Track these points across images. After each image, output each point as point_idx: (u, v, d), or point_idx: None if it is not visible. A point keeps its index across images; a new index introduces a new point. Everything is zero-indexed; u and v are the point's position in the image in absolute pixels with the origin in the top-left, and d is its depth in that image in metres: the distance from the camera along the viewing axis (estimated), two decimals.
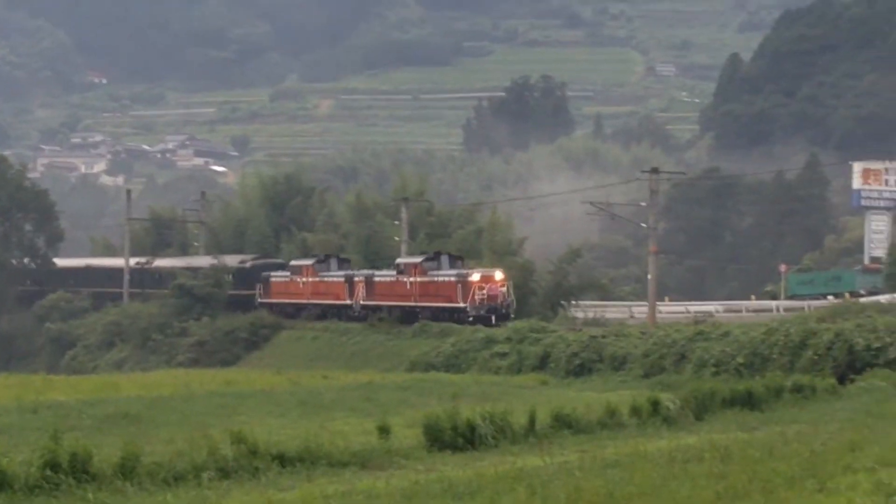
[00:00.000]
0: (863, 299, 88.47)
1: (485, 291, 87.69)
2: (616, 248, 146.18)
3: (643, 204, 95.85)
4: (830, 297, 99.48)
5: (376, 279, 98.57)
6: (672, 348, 57.14)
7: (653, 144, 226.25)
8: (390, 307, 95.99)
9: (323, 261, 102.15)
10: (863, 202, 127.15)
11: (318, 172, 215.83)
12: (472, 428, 30.30)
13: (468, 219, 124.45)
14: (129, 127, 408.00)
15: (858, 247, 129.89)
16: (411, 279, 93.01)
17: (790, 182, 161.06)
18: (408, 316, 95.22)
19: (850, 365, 47.80)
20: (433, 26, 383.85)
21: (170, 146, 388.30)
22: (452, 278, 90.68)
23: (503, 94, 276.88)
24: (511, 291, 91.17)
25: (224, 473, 25.97)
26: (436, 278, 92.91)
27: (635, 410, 34.73)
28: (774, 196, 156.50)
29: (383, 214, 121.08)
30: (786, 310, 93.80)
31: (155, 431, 33.52)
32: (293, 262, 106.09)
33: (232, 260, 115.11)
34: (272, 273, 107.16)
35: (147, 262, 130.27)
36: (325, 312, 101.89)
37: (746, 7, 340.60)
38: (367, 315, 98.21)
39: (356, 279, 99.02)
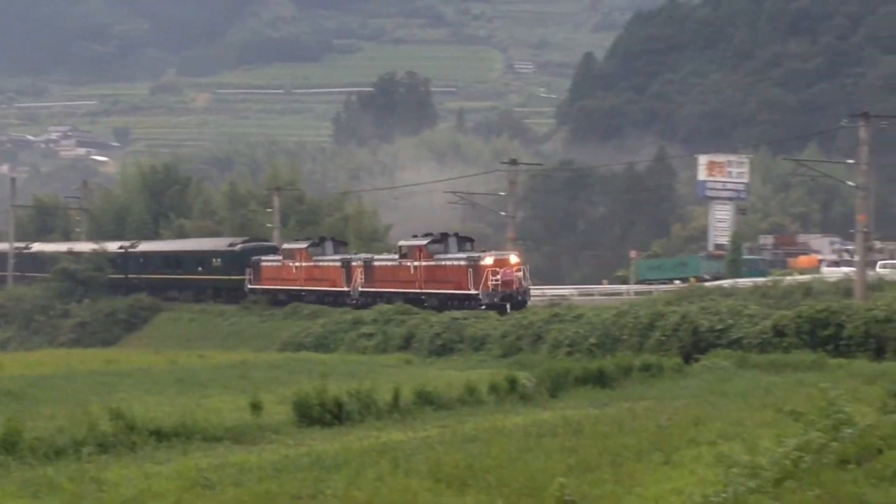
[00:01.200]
0: (707, 284, 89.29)
1: (498, 277, 71.94)
2: (477, 236, 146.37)
3: (502, 193, 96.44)
4: (677, 282, 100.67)
5: (376, 264, 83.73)
6: (529, 330, 57.51)
7: (512, 137, 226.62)
8: (392, 294, 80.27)
9: (318, 244, 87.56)
10: (707, 193, 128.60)
11: (195, 162, 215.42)
12: (339, 404, 30.34)
13: (337, 207, 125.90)
14: (14, 118, 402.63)
15: (703, 234, 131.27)
16: (415, 263, 78.18)
17: (640, 173, 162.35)
18: (412, 304, 77.80)
19: (695, 345, 48.31)
20: (304, 24, 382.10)
21: (53, 137, 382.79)
22: (462, 262, 74.97)
23: (371, 89, 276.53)
24: (528, 276, 77.47)
25: (103, 448, 25.67)
26: (443, 262, 77.32)
27: (494, 388, 34.85)
28: (625, 186, 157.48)
29: (256, 202, 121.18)
30: (636, 293, 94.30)
31: (37, 408, 33.10)
32: (286, 246, 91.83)
33: (219, 243, 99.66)
34: (263, 257, 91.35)
35: (25, 247, 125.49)
36: (320, 300, 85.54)
37: (600, 9, 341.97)
38: (366, 304, 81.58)
39: (354, 264, 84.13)
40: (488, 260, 73.75)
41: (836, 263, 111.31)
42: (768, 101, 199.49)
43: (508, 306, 71.39)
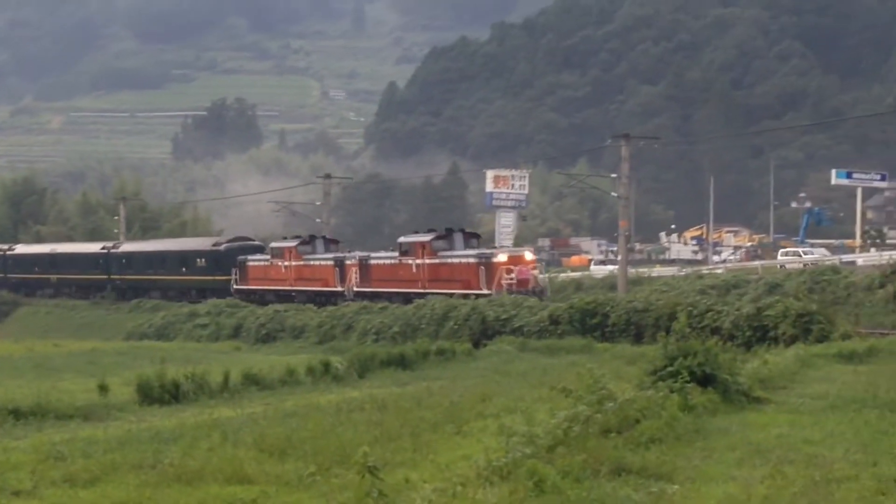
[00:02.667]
0: None
1: (513, 275, 59.48)
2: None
3: (318, 203, 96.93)
4: None
5: (373, 262, 68.79)
6: (341, 320, 57.41)
7: (326, 155, 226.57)
8: (391, 294, 65.11)
9: (308, 242, 73.29)
10: (494, 202, 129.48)
11: (51, 176, 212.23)
12: (176, 386, 30.05)
13: (175, 214, 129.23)
14: None
15: (491, 238, 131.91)
16: (418, 261, 63.72)
17: (436, 186, 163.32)
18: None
19: (483, 332, 48.72)
20: (147, 57, 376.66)
21: None
22: (472, 260, 61.90)
23: (205, 113, 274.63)
24: (544, 273, 66.46)
25: None
26: (449, 260, 63.66)
27: (310, 370, 34.75)
28: (424, 197, 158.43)
29: (105, 211, 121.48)
30: None
31: None
32: (273, 245, 77.17)
33: (203, 243, 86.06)
34: (249, 257, 77.38)
35: None
36: (311, 301, 68.93)
37: (401, 44, 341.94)
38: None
39: (348, 262, 69.60)
40: (502, 257, 61.22)
41: (602, 262, 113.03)
42: (545, 123, 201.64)
43: None
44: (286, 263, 72.81)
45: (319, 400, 28.12)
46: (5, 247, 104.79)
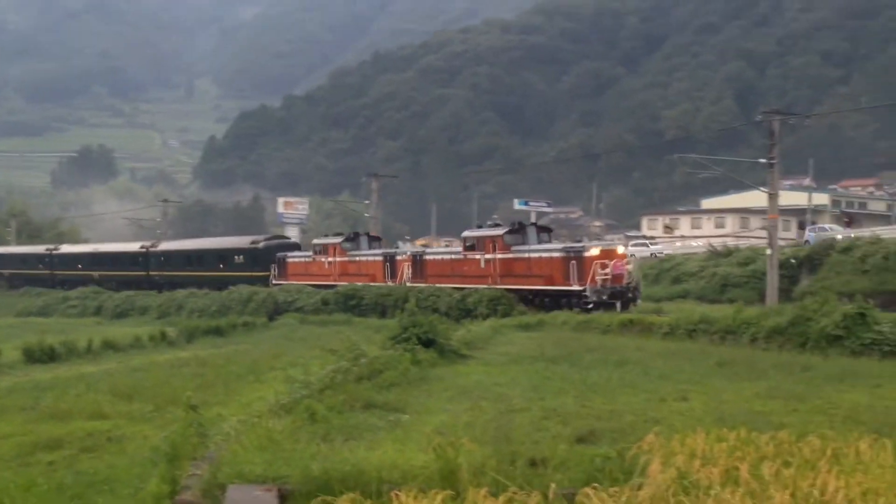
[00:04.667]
0: None
1: (608, 271, 42.30)
2: None
3: (159, 219, 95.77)
4: None
5: (428, 257, 51.99)
6: (175, 302, 56.24)
7: (165, 186, 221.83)
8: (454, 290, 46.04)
9: (352, 239, 58.58)
10: (284, 220, 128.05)
11: None
12: (52, 349, 29.36)
13: (54, 227, 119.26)
14: None
15: None
16: (487, 256, 45.94)
17: (244, 208, 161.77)
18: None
19: (276, 310, 48.51)
20: (33, 113, 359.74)
21: None
22: (558, 254, 43.65)
23: (76, 154, 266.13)
24: (637, 271, 47.00)
25: None
26: (526, 255, 45.27)
27: (151, 338, 34.12)
28: (234, 216, 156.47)
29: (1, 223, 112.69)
30: None
31: None
32: (316, 241, 62.04)
33: (241, 241, 69.75)
34: (288, 254, 62.96)
35: None
36: None
37: (220, 109, 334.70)
38: None
39: (399, 258, 53.88)
40: (594, 250, 42.33)
41: None
42: (319, 166, 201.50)
43: (619, 305, 40.55)
44: (330, 259, 56.38)
45: (158, 358, 27.66)
46: (52, 247, 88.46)
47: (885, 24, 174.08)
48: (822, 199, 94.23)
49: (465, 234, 48.51)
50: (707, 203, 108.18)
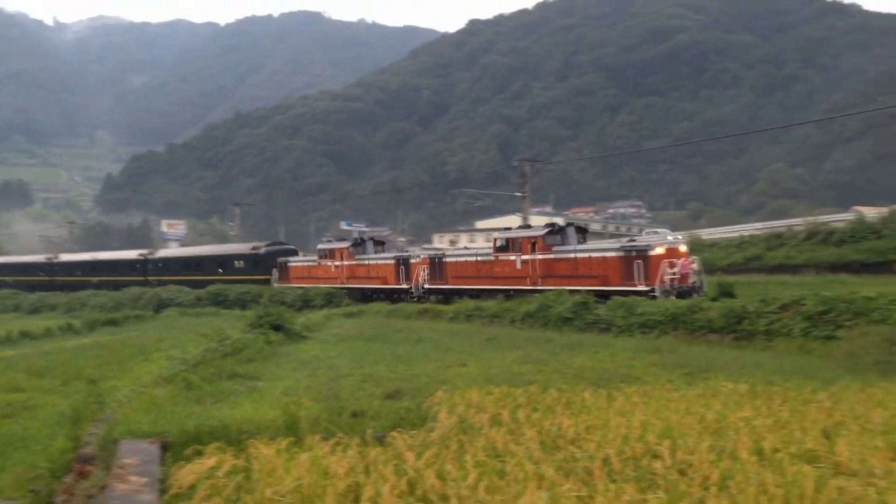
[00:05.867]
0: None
1: (676, 270, 29.71)
2: None
3: (67, 237, 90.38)
4: None
5: (449, 259, 38.38)
6: (79, 300, 52.63)
7: (73, 211, 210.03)
8: (480, 291, 35.16)
9: (359, 244, 47.01)
10: (167, 238, 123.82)
11: None
12: None
13: None
14: None
15: None
16: (524, 257, 33.89)
17: (135, 228, 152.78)
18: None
19: (161, 305, 46.15)
20: None
21: None
22: (615, 253, 30.86)
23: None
24: (701, 269, 31.22)
25: None
26: (573, 255, 32.41)
27: (60, 328, 32.11)
28: (128, 234, 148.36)
29: None
30: None
31: None
32: (321, 246, 48.84)
33: (242, 247, 57.05)
34: (290, 258, 51.34)
35: None
36: (366, 297, 41.61)
37: (116, 153, 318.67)
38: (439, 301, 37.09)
39: (413, 261, 40.90)
40: (660, 249, 30.33)
41: None
42: (195, 197, 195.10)
43: None
44: (337, 263, 45.16)
45: (65, 344, 25.94)
46: (52, 256, 73.87)
47: (600, 100, 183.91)
48: (560, 221, 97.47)
49: (496, 235, 35.93)
50: (480, 224, 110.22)
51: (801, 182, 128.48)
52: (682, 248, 30.14)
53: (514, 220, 50.66)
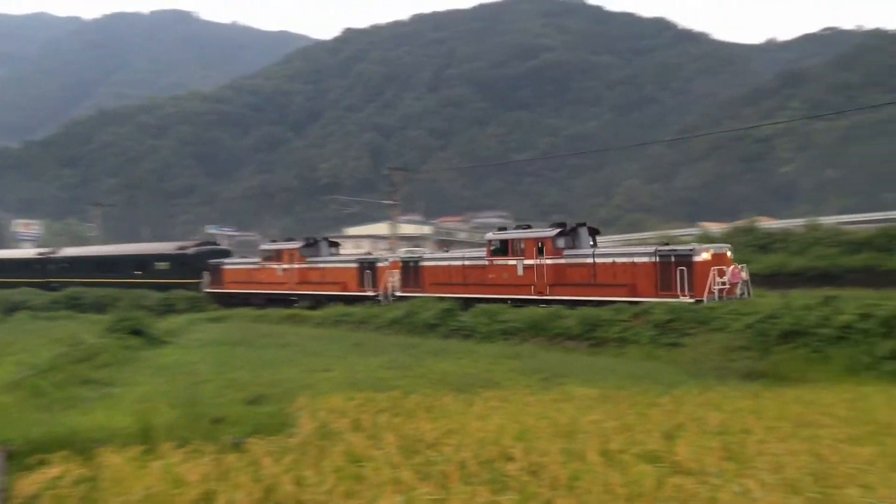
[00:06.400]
0: None
1: (725, 279, 23.85)
2: None
3: None
4: None
5: (426, 264, 32.01)
6: None
7: None
8: (472, 299, 28.38)
9: (312, 244, 39.34)
10: (20, 238, 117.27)
11: None
12: None
13: None
14: None
15: None
16: (528, 262, 27.79)
17: None
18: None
19: (12, 308, 43.12)
20: None
21: None
22: (646, 259, 24.99)
23: None
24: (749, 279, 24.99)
25: None
26: (591, 260, 26.50)
27: None
28: None
29: None
30: None
31: None
32: (266, 247, 41.90)
33: (165, 247, 49.37)
34: (224, 260, 43.95)
35: None
36: (319, 304, 34.74)
37: None
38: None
39: (381, 265, 34.43)
40: (705, 255, 24.53)
41: None
42: (53, 195, 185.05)
43: None
44: (285, 266, 38.54)
45: None
46: None
47: (470, 112, 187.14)
48: (427, 230, 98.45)
49: (490, 236, 30.35)
50: (350, 230, 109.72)
51: (654, 197, 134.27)
52: (729, 254, 25.29)
53: (383, 228, 50.64)
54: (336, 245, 40.72)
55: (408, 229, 61.57)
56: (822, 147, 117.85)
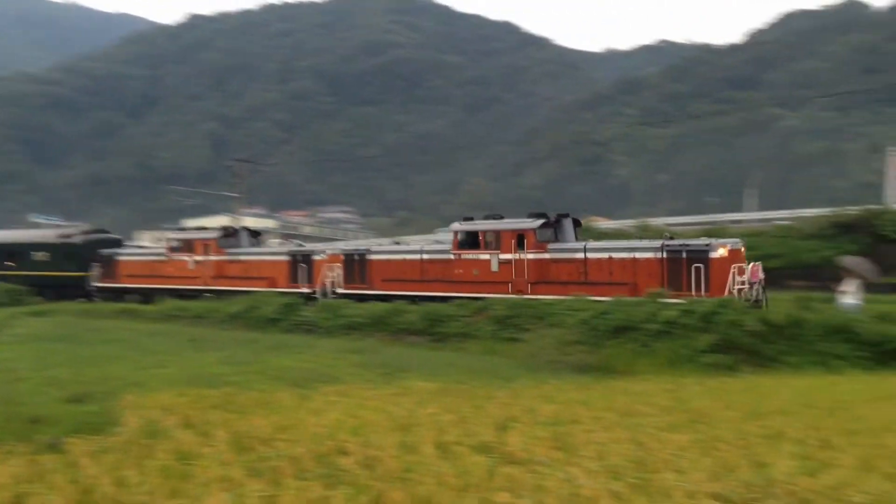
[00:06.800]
0: None
1: (745, 278, 20.92)
2: None
3: None
4: None
5: (377, 257, 27.73)
6: None
7: None
8: (430, 298, 25.10)
9: (232, 234, 33.77)
10: None
11: None
12: None
13: None
14: None
15: None
16: (505, 256, 24.57)
17: None
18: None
19: None
20: None
21: None
22: (650, 254, 22.35)
23: None
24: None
25: None
26: (581, 255, 23.60)
27: None
28: None
29: None
30: None
31: None
32: (173, 237, 35.28)
33: (43, 234, 42.00)
34: (119, 251, 36.68)
35: None
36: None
37: None
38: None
39: (317, 258, 29.28)
40: (722, 251, 21.35)
41: None
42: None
43: None
44: (198, 258, 33.40)
45: None
46: None
47: (317, 106, 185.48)
48: (272, 223, 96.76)
49: (457, 226, 26.73)
50: (190, 222, 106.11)
51: (498, 196, 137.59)
52: (743, 250, 22.46)
53: (225, 221, 49.33)
54: (258, 235, 36.30)
55: (251, 222, 60.14)
56: (655, 152, 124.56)
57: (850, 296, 21.34)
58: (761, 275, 21.86)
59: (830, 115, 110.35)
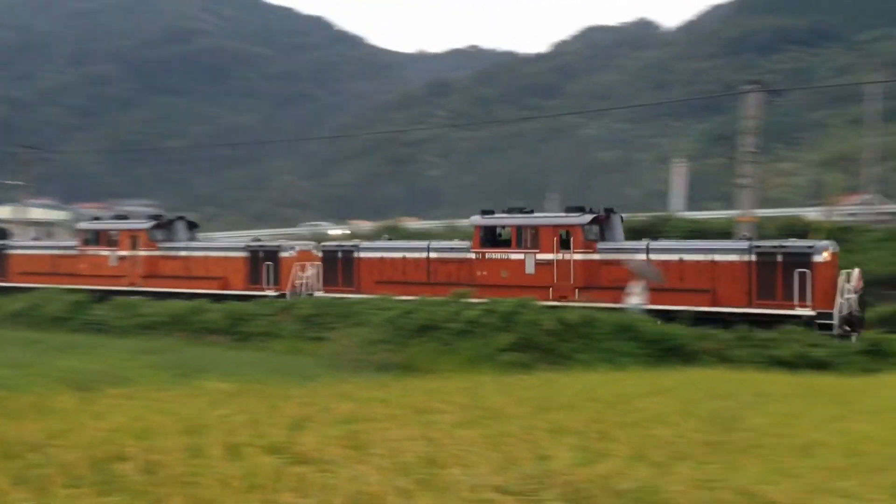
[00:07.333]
0: None
1: (851, 286, 18.16)
2: None
3: None
4: None
5: (371, 255, 23.42)
6: None
7: None
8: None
9: (165, 225, 27.12)
10: None
11: None
12: None
13: None
14: None
15: None
16: (544, 257, 20.44)
17: None
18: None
19: None
20: None
21: None
22: (736, 257, 18.72)
23: None
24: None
25: None
26: (646, 255, 20.05)
27: None
28: None
29: None
30: None
31: None
32: (86, 226, 28.37)
33: None
34: (9, 243, 29.60)
35: None
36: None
37: None
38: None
39: (285, 255, 24.24)
40: (826, 254, 18.02)
41: None
42: None
43: (855, 336, 18.21)
44: (122, 253, 27.49)
45: None
46: None
47: (116, 92, 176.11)
48: (64, 215, 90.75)
49: (478, 219, 23.30)
50: None
51: (308, 194, 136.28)
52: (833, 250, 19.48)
53: (7, 212, 45.86)
54: (195, 226, 31.02)
55: (38, 213, 56.12)
56: (463, 154, 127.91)
57: (635, 297, 22.86)
58: (860, 283, 19.32)
59: (624, 126, 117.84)
